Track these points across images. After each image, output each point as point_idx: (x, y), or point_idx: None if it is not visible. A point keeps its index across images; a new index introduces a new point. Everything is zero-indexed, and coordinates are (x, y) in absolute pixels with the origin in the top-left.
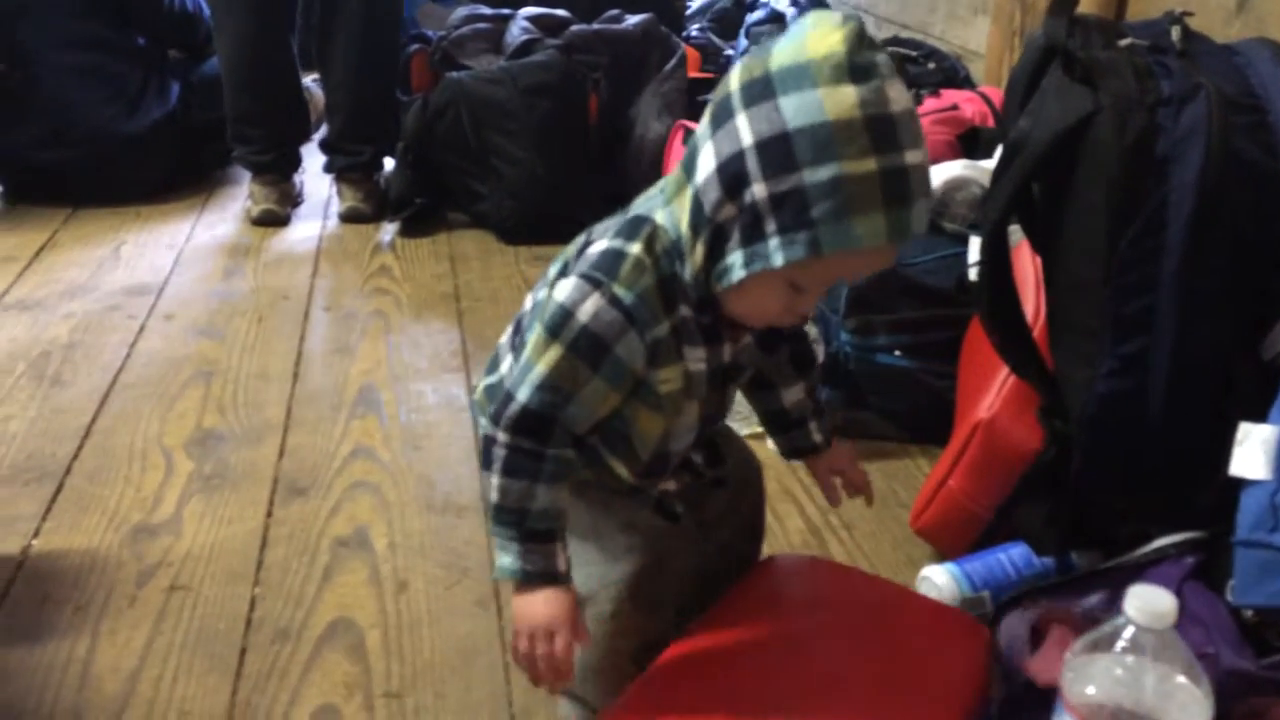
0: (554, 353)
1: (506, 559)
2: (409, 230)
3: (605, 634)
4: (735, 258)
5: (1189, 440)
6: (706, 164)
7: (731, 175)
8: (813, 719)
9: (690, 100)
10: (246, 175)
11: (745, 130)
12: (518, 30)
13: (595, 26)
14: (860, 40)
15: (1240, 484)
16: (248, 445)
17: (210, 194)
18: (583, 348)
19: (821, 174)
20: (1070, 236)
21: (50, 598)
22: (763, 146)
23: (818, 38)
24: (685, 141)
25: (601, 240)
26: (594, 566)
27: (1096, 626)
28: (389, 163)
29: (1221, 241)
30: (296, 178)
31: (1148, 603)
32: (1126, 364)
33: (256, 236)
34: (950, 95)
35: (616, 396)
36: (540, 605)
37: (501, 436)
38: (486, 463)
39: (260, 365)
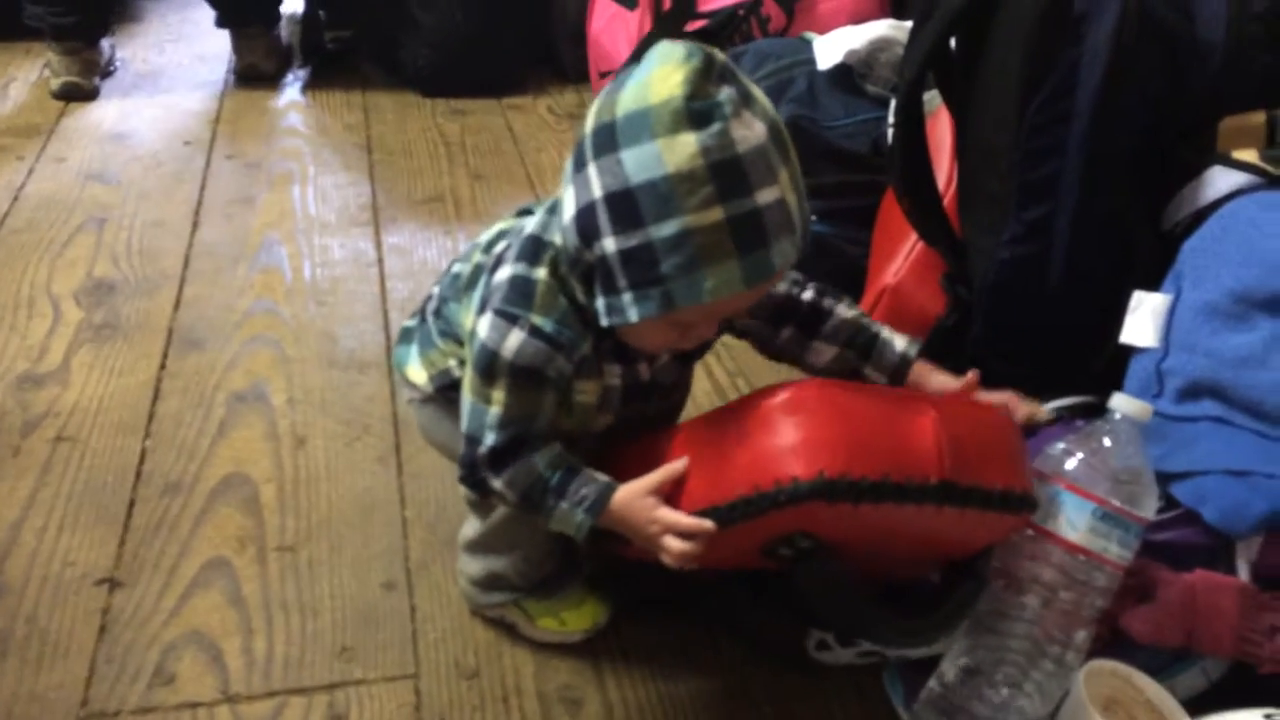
0: (499, 392)
1: (575, 519)
2: (320, 78)
3: None
4: (600, 304)
5: (1085, 308)
6: (568, 208)
7: (585, 226)
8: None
9: None
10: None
11: (595, 182)
12: None
13: None
14: (703, 77)
15: (1130, 351)
16: (141, 295)
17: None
18: (521, 381)
19: (667, 229)
20: (982, 100)
21: None
22: (610, 201)
23: (659, 79)
24: None
25: (505, 265)
26: None
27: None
28: (300, 2)
29: (1130, 106)
30: (105, 43)
31: (1130, 402)
32: (1030, 230)
33: (152, 77)
34: None
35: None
36: (623, 512)
37: (488, 476)
38: (483, 496)
39: (157, 213)
